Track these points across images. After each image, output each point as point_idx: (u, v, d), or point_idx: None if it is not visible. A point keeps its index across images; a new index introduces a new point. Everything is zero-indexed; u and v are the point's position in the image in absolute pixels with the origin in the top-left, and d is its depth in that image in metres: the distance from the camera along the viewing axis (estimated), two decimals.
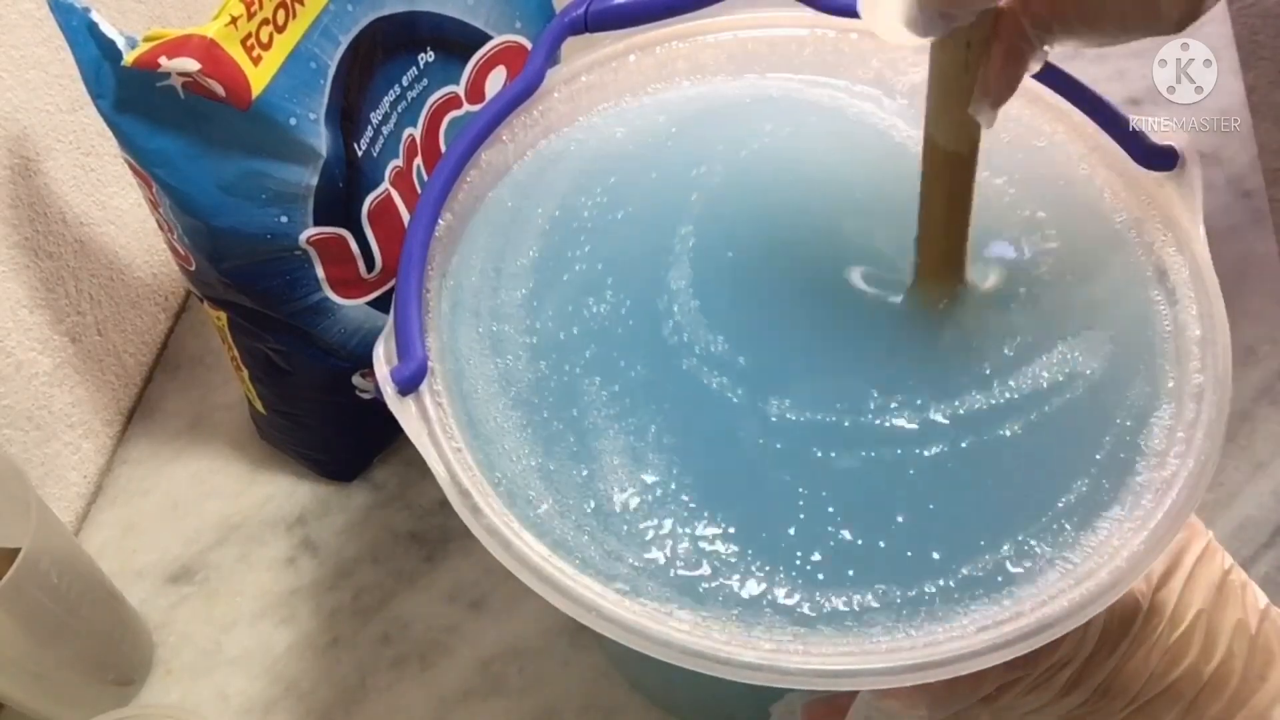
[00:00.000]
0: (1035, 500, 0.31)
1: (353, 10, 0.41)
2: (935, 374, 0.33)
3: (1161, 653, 0.31)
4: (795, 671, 0.27)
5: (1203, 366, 0.32)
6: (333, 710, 0.46)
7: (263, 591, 0.50)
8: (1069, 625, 0.27)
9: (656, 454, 0.32)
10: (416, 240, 0.34)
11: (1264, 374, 0.53)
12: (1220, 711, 0.32)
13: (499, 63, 0.48)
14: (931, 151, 0.32)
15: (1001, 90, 0.29)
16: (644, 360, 0.34)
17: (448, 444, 0.31)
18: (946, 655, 0.27)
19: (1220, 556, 0.33)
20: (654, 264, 0.36)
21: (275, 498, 0.53)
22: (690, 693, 0.43)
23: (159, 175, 0.39)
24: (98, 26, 0.36)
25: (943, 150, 0.31)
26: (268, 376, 0.48)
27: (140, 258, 0.56)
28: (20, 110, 0.46)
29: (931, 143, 0.32)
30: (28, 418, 0.48)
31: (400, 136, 0.45)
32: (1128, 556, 0.28)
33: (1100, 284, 0.35)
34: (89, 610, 0.43)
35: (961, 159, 0.32)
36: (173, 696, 0.47)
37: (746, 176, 0.38)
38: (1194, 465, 0.30)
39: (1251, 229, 0.58)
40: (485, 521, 0.29)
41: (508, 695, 0.46)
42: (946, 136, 0.31)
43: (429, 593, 0.49)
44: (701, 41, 0.41)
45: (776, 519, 0.30)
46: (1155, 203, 0.35)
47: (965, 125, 0.30)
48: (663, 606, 0.29)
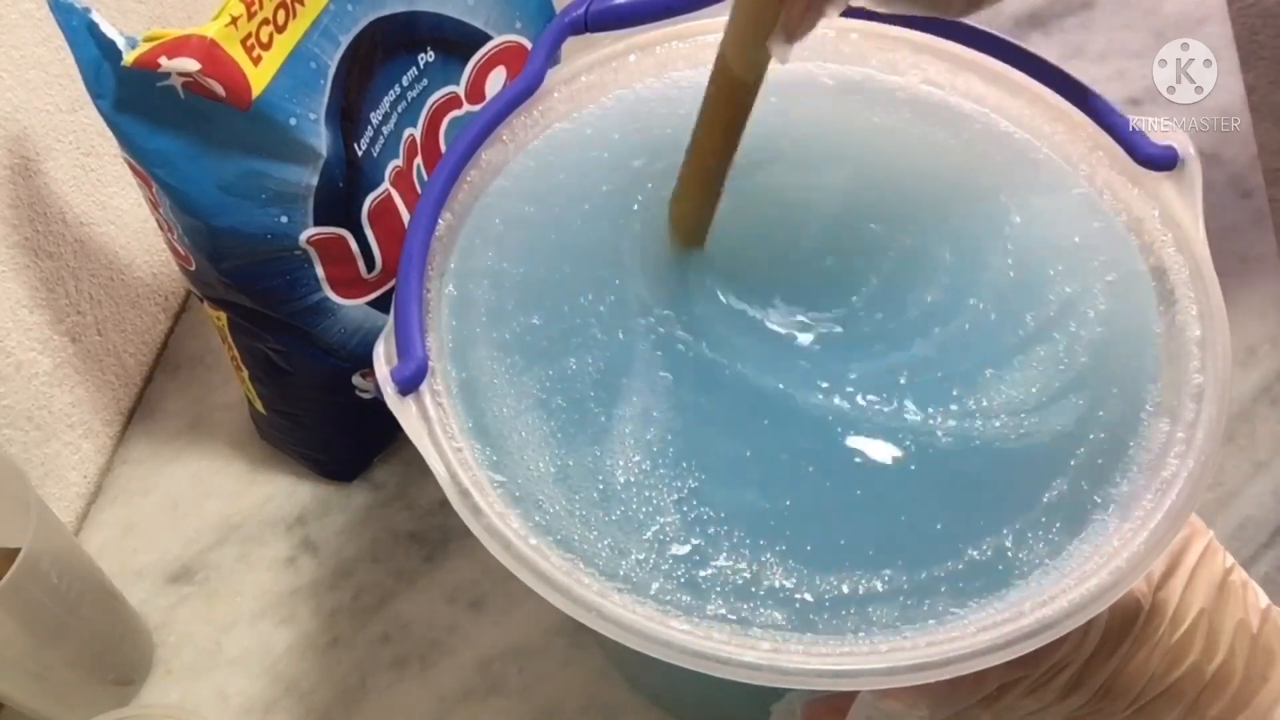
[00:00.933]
0: (1034, 500, 0.31)
1: (353, 10, 0.41)
2: (933, 373, 0.33)
3: (1163, 653, 0.31)
4: (795, 671, 0.27)
5: (1203, 366, 0.32)
6: (333, 710, 0.46)
7: (263, 591, 0.50)
8: (1070, 625, 0.27)
9: (661, 452, 0.32)
10: (416, 240, 0.34)
11: (1264, 374, 0.53)
12: (1222, 711, 0.32)
13: (499, 63, 0.48)
14: (721, 74, 0.33)
15: (801, 28, 0.30)
16: (651, 354, 0.34)
17: (448, 444, 0.31)
18: (946, 655, 0.27)
19: (1221, 556, 0.33)
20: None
21: (275, 498, 0.53)
22: (690, 693, 0.43)
23: (159, 175, 0.39)
24: (98, 26, 0.36)
25: (733, 74, 0.32)
26: (268, 376, 0.48)
27: (140, 258, 0.56)
28: (20, 110, 0.46)
29: (724, 65, 0.32)
30: (28, 418, 0.48)
31: (400, 136, 0.45)
32: (1128, 556, 0.28)
33: (1100, 284, 0.35)
34: (89, 610, 0.43)
35: (746, 87, 0.33)
36: (173, 696, 0.47)
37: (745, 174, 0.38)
38: (1194, 465, 0.30)
39: (1251, 229, 0.58)
40: (485, 521, 0.29)
41: (508, 695, 0.46)
42: (739, 63, 0.32)
43: (429, 593, 0.49)
44: (701, 41, 0.40)
45: (779, 517, 0.30)
46: (1155, 203, 0.35)
47: (760, 56, 0.31)
48: (663, 606, 0.29)
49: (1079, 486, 0.31)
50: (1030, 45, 0.37)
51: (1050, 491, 0.31)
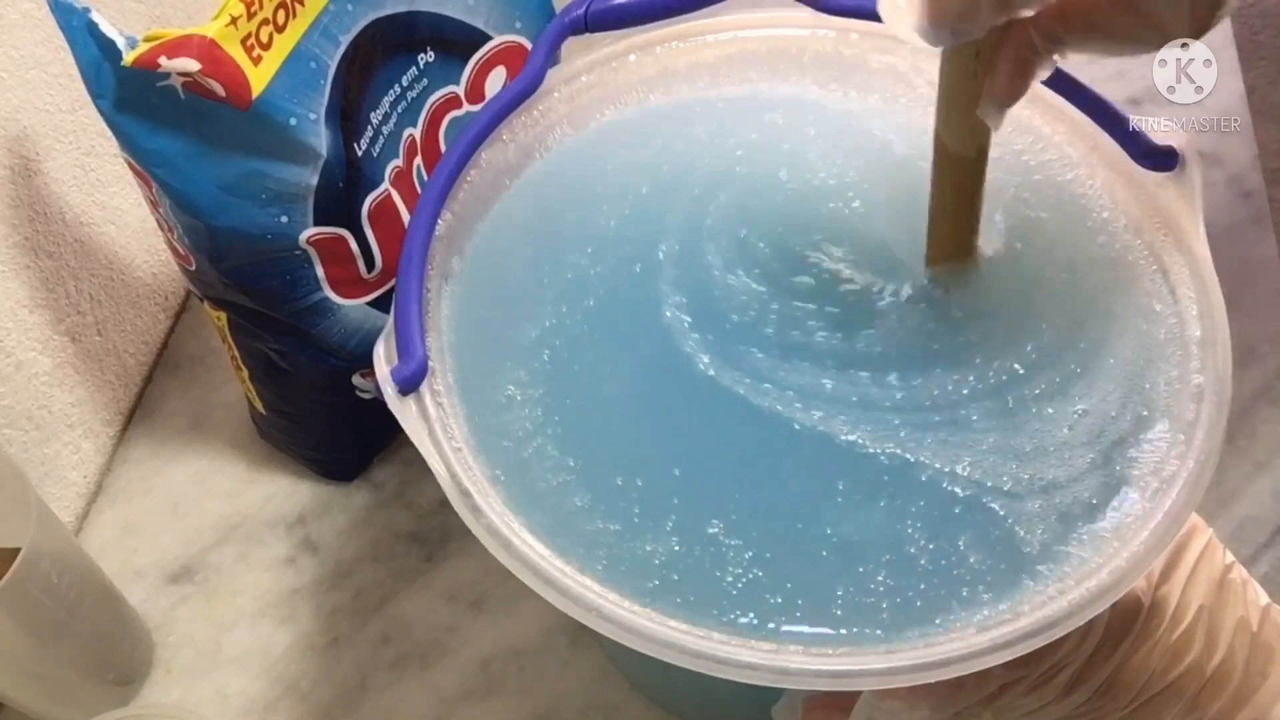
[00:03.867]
0: (1033, 499, 0.31)
1: (353, 10, 0.41)
2: (930, 372, 0.33)
3: (1163, 651, 0.31)
4: (795, 671, 0.27)
5: (1203, 366, 0.32)
6: (333, 710, 0.46)
7: (263, 591, 0.50)
8: (1070, 625, 0.27)
9: (662, 451, 0.32)
10: (416, 240, 0.34)
11: (1264, 374, 0.53)
12: (1222, 709, 0.32)
13: (499, 63, 0.48)
14: (941, 152, 0.32)
15: (1009, 97, 0.29)
16: (647, 355, 0.34)
17: (448, 444, 0.31)
18: (946, 655, 0.27)
19: (1220, 553, 0.33)
20: (650, 253, 0.36)
21: (275, 498, 0.53)
22: (690, 693, 0.43)
23: (159, 175, 0.39)
24: (98, 26, 0.36)
25: (951, 152, 0.32)
26: (268, 376, 0.48)
27: (140, 258, 0.56)
28: (20, 110, 0.46)
29: (941, 144, 0.32)
30: (28, 418, 0.48)
31: (400, 136, 0.45)
32: (1128, 556, 0.28)
33: (1100, 284, 0.35)
34: (89, 610, 0.43)
35: (969, 160, 0.32)
36: (173, 696, 0.47)
37: (744, 174, 0.38)
38: (1194, 465, 0.30)
39: (1251, 229, 0.58)
40: (485, 521, 0.29)
41: (508, 695, 0.46)
42: (954, 139, 0.32)
43: (429, 593, 0.49)
44: (701, 41, 0.41)
45: (779, 517, 0.30)
46: (1155, 203, 0.35)
47: (973, 129, 0.31)
48: (663, 606, 0.29)
49: (1078, 486, 0.31)
50: None
51: (1049, 492, 0.31)
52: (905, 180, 0.36)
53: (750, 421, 0.32)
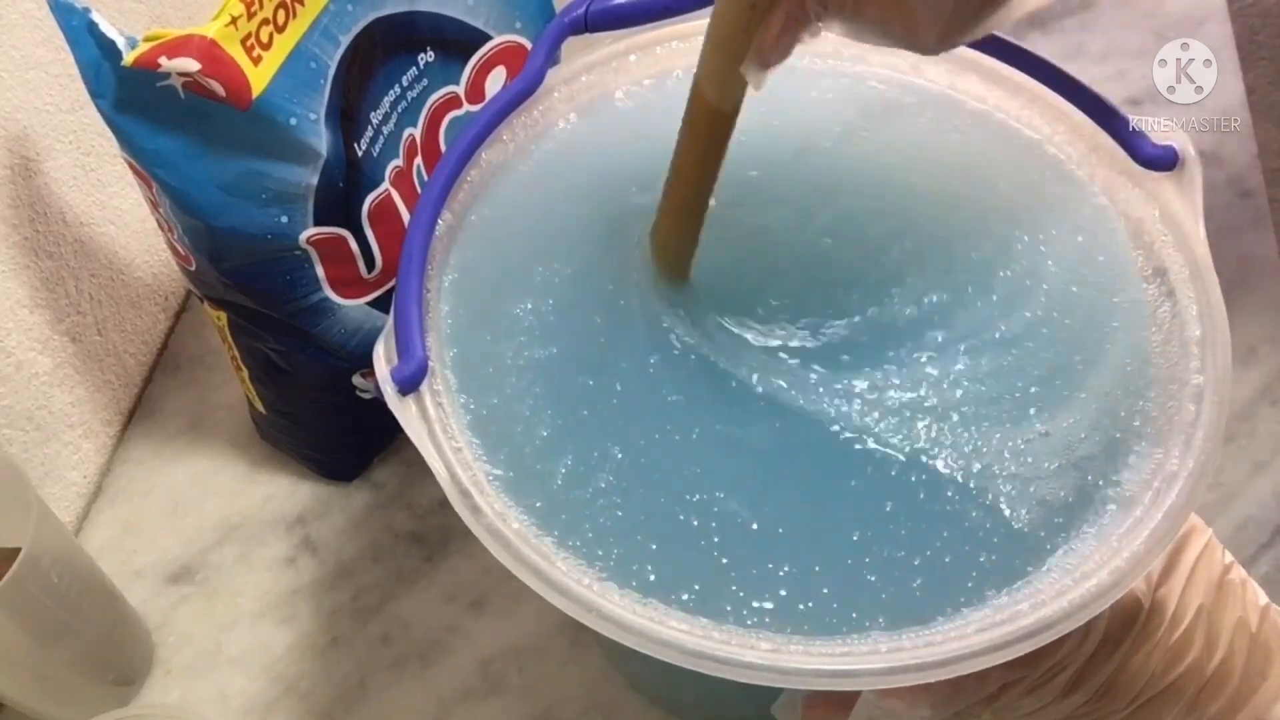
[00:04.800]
0: (1033, 499, 0.31)
1: (353, 10, 0.41)
2: (922, 368, 0.33)
3: (1163, 651, 0.31)
4: (795, 671, 0.27)
5: (1203, 366, 0.32)
6: (333, 710, 0.46)
7: (263, 591, 0.50)
8: (1070, 625, 0.27)
9: (662, 451, 0.32)
10: (416, 240, 0.34)
11: (1264, 374, 0.53)
12: (1221, 709, 0.32)
13: (499, 63, 0.48)
14: (697, 102, 0.32)
15: (775, 55, 0.29)
16: (647, 355, 0.34)
17: (448, 444, 0.31)
18: (946, 655, 0.27)
19: (1220, 553, 0.33)
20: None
21: (275, 498, 0.53)
22: (690, 693, 0.43)
23: (159, 175, 0.39)
24: (98, 26, 0.36)
25: (708, 103, 0.32)
26: (268, 376, 0.48)
27: (140, 258, 0.56)
28: (20, 110, 0.46)
29: (699, 93, 0.32)
30: (28, 418, 0.48)
31: (400, 136, 0.45)
32: (1127, 556, 0.28)
33: (1100, 284, 0.35)
34: (89, 610, 0.43)
35: (723, 115, 0.32)
36: (173, 696, 0.47)
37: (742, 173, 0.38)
38: (1194, 465, 0.30)
39: (1251, 229, 0.58)
40: (485, 521, 0.29)
41: (508, 695, 0.46)
42: (714, 91, 0.31)
43: (429, 593, 0.49)
44: (701, 41, 0.40)
45: (779, 517, 0.30)
46: (1155, 203, 0.35)
47: (734, 82, 0.31)
48: (664, 606, 0.29)
49: (1079, 486, 0.31)
50: (1030, 45, 0.37)
51: (1050, 491, 0.31)
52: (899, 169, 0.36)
53: (756, 420, 0.32)
